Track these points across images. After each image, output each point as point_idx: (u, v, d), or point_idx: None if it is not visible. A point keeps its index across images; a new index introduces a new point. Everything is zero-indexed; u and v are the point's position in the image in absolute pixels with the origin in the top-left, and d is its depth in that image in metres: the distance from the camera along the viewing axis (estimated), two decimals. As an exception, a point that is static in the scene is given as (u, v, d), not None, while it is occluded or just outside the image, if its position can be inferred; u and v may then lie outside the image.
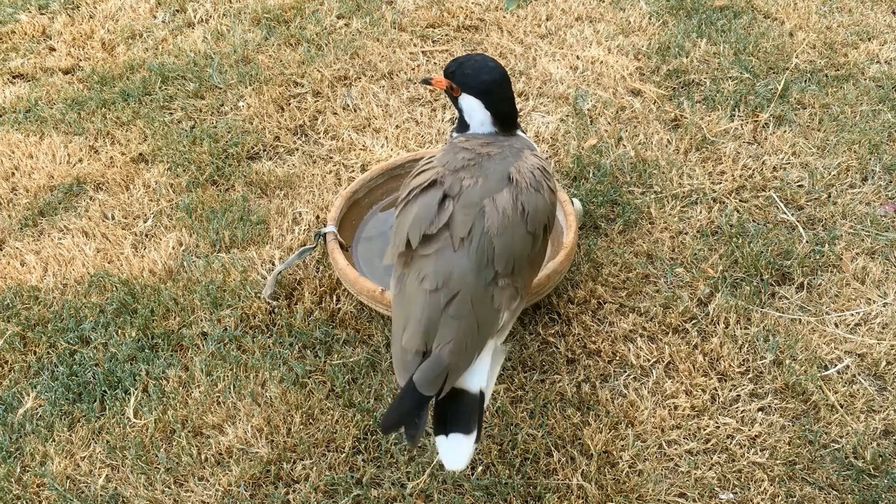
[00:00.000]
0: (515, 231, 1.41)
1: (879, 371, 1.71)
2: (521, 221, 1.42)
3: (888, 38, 2.69)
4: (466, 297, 1.35)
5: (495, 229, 1.39)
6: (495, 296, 1.38)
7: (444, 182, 1.46)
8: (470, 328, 1.34)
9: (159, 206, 2.23)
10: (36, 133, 2.53)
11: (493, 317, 1.38)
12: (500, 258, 1.38)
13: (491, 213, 1.41)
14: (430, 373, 1.28)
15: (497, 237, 1.39)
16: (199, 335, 1.86)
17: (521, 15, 2.91)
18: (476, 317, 1.35)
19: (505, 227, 1.40)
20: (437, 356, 1.30)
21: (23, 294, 1.99)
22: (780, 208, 2.10)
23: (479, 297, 1.36)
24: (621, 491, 1.52)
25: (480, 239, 1.38)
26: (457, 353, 1.31)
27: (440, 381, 1.28)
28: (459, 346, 1.31)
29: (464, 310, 1.34)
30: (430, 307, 1.34)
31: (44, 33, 3.05)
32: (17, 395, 1.77)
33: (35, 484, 1.61)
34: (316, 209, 2.17)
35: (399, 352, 1.34)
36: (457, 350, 1.31)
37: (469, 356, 1.34)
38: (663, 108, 2.44)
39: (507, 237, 1.40)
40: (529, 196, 1.45)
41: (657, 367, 1.74)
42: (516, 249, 1.41)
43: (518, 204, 1.43)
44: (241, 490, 1.56)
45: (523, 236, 1.42)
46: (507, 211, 1.42)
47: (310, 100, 2.58)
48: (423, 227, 1.41)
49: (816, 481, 1.53)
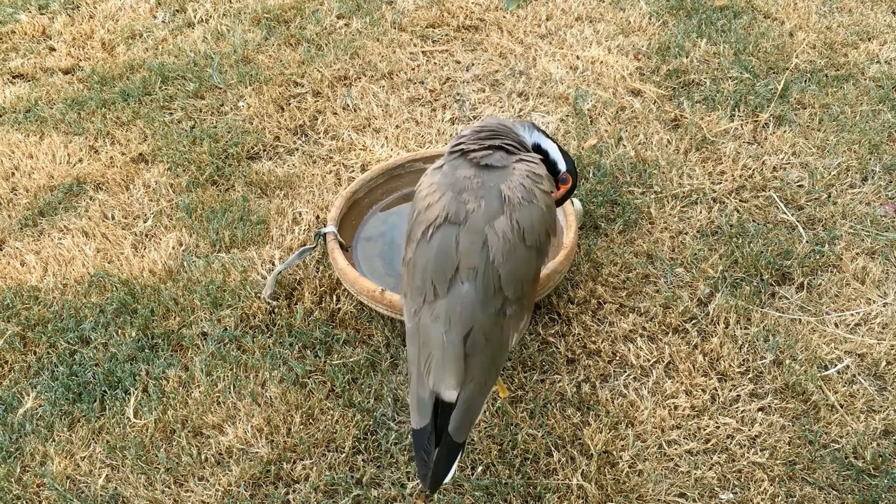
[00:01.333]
0: (517, 253, 1.39)
1: (879, 371, 1.71)
2: (521, 241, 1.40)
3: (888, 38, 2.69)
4: (479, 333, 1.33)
5: (500, 257, 1.37)
6: (504, 326, 1.37)
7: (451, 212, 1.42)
8: (487, 363, 1.33)
9: (159, 206, 2.23)
10: (36, 133, 2.53)
11: (505, 346, 1.38)
12: (507, 285, 1.37)
13: (493, 241, 1.38)
14: (462, 418, 1.28)
15: (502, 265, 1.37)
16: (199, 335, 1.86)
17: (521, 15, 2.91)
18: (491, 351, 1.34)
19: (508, 252, 1.38)
20: (465, 399, 1.29)
21: (23, 294, 1.99)
22: (780, 208, 2.10)
23: (490, 330, 1.35)
24: (621, 491, 1.52)
25: (486, 270, 1.36)
26: (479, 391, 1.31)
27: (471, 425, 1.29)
28: (480, 384, 1.31)
29: (479, 346, 1.33)
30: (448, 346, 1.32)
31: (44, 33, 3.05)
32: (17, 395, 1.77)
33: (35, 484, 1.61)
34: (316, 209, 2.17)
35: (415, 394, 1.32)
36: (479, 389, 1.31)
37: (487, 391, 1.34)
38: (663, 108, 2.44)
39: (511, 262, 1.38)
40: (523, 211, 1.42)
41: (657, 367, 1.74)
42: (521, 271, 1.39)
43: (513, 224, 1.40)
44: (241, 490, 1.56)
45: (525, 256, 1.40)
46: (507, 234, 1.39)
47: (310, 100, 2.58)
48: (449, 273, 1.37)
49: (816, 481, 1.53)
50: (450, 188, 1.46)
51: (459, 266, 1.37)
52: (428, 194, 1.48)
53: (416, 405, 1.31)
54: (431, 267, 1.38)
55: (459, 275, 1.36)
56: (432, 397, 1.30)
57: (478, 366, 1.32)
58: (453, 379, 1.30)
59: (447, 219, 1.41)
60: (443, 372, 1.31)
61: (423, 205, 1.47)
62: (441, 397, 1.30)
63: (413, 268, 1.42)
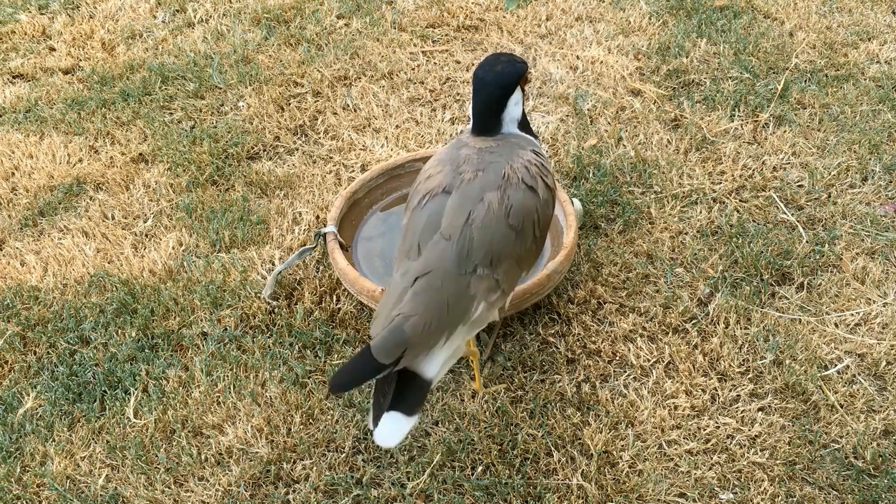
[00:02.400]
0: (497, 225, 1.42)
1: (879, 371, 1.71)
2: (504, 216, 1.43)
3: (888, 38, 2.69)
4: (438, 275, 1.36)
5: (479, 222, 1.41)
6: (472, 283, 1.38)
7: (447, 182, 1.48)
8: (439, 307, 1.33)
9: (159, 206, 2.23)
10: (36, 133, 2.53)
11: (466, 302, 1.37)
12: (477, 250, 1.39)
13: (478, 208, 1.43)
14: (387, 341, 1.28)
15: (478, 229, 1.40)
16: (199, 335, 1.86)
17: (521, 15, 2.91)
18: (447, 297, 1.34)
19: (488, 221, 1.41)
20: (397, 325, 1.29)
21: (23, 294, 1.99)
22: (780, 208, 2.10)
23: (453, 280, 1.36)
24: (621, 491, 1.52)
25: (463, 231, 1.40)
26: (420, 329, 1.30)
27: (397, 353, 1.28)
28: (423, 322, 1.31)
29: (433, 286, 1.34)
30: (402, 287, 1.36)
31: (44, 33, 3.05)
32: (17, 395, 1.77)
33: (35, 484, 1.61)
34: (316, 209, 2.17)
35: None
36: (420, 325, 1.30)
37: (433, 337, 1.32)
38: (663, 108, 2.44)
39: (488, 231, 1.41)
40: (517, 193, 1.45)
41: (657, 367, 1.74)
42: (495, 243, 1.41)
43: (504, 198, 1.44)
44: (241, 490, 1.56)
45: (504, 231, 1.43)
46: (493, 205, 1.43)
47: (310, 100, 2.58)
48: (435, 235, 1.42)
49: (816, 481, 1.53)
50: (450, 162, 1.51)
51: (442, 225, 1.41)
52: (430, 167, 1.55)
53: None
54: (420, 229, 1.43)
55: (442, 234, 1.41)
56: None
57: (428, 304, 1.32)
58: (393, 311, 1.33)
59: (444, 189, 1.47)
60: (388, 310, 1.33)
61: (424, 176, 1.53)
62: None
63: (405, 232, 1.47)
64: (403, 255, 1.44)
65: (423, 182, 1.52)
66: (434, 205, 1.46)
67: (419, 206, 1.47)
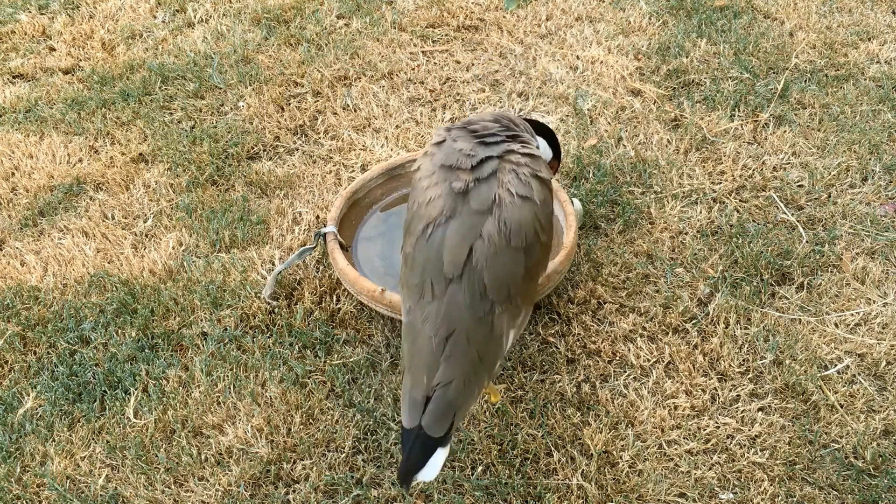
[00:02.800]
0: (502, 256, 1.38)
1: (879, 371, 1.71)
2: (506, 243, 1.38)
3: (888, 38, 2.69)
4: (462, 334, 1.33)
5: (484, 261, 1.37)
6: (495, 323, 1.36)
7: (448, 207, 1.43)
8: (472, 363, 1.33)
9: (159, 206, 2.23)
10: (36, 133, 2.53)
11: (496, 344, 1.37)
12: (492, 289, 1.36)
13: (478, 245, 1.38)
14: (436, 413, 1.28)
15: (487, 269, 1.36)
16: (199, 335, 1.86)
17: (521, 15, 2.91)
18: (476, 351, 1.34)
19: (493, 256, 1.37)
20: (441, 396, 1.29)
21: (23, 294, 1.99)
22: (780, 208, 2.10)
23: (475, 331, 1.34)
24: (621, 491, 1.52)
25: (471, 274, 1.36)
26: (461, 390, 1.31)
27: (448, 421, 1.29)
28: (464, 382, 1.31)
29: (461, 347, 1.32)
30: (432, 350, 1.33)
31: (44, 33, 3.05)
32: (17, 395, 1.77)
33: (35, 484, 1.61)
34: (316, 209, 2.17)
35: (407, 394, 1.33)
36: (461, 388, 1.31)
37: (474, 391, 1.34)
38: (663, 108, 2.44)
39: (496, 265, 1.37)
40: (513, 211, 1.41)
41: (657, 367, 1.74)
42: (506, 275, 1.38)
43: (500, 225, 1.39)
44: (241, 490, 1.56)
45: (512, 258, 1.39)
46: (493, 237, 1.38)
47: (310, 100, 2.58)
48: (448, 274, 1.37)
49: (816, 481, 1.53)
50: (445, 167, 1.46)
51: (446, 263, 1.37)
52: (428, 185, 1.48)
53: (408, 404, 1.31)
54: (431, 266, 1.38)
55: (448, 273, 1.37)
56: (424, 398, 1.30)
57: (459, 366, 1.31)
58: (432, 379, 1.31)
59: (446, 216, 1.42)
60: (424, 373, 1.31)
61: (423, 198, 1.46)
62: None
63: (412, 263, 1.42)
64: (416, 292, 1.39)
65: (425, 206, 1.45)
66: (441, 234, 1.40)
67: (423, 237, 1.42)
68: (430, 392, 1.30)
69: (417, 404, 1.30)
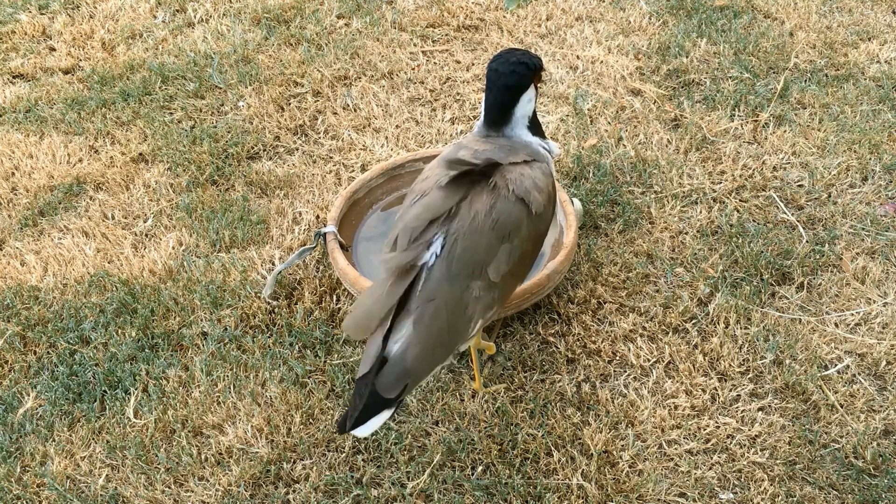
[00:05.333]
0: (481, 237, 1.38)
1: (879, 371, 1.71)
2: (490, 228, 1.38)
3: (888, 38, 2.69)
4: (441, 304, 1.33)
5: (463, 231, 1.37)
6: (470, 305, 1.36)
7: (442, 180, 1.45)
8: (439, 335, 1.32)
9: (159, 206, 2.23)
10: (36, 133, 2.53)
11: (464, 326, 1.36)
12: (459, 261, 1.36)
13: (463, 215, 1.39)
14: (392, 377, 1.28)
15: (461, 239, 1.37)
16: (199, 335, 1.86)
17: (521, 15, 2.91)
18: (448, 324, 1.33)
19: (472, 232, 1.37)
20: (399, 360, 1.29)
21: (23, 294, 1.99)
22: (780, 208, 2.10)
23: (452, 306, 1.34)
24: (621, 491, 1.52)
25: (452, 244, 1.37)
26: (422, 359, 1.30)
27: (401, 387, 1.28)
28: (426, 352, 1.30)
29: (436, 317, 1.32)
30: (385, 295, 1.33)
31: (44, 33, 3.05)
32: (17, 395, 1.77)
33: (35, 484, 1.61)
34: (316, 209, 2.17)
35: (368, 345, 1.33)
36: (422, 356, 1.30)
37: (434, 364, 1.33)
38: (663, 107, 2.44)
39: (471, 242, 1.37)
40: (507, 205, 1.41)
41: (657, 366, 1.74)
42: (478, 255, 1.37)
43: (492, 210, 1.39)
44: (241, 490, 1.56)
45: (490, 243, 1.38)
46: (480, 215, 1.38)
47: (310, 100, 2.58)
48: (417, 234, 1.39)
49: (816, 481, 1.53)
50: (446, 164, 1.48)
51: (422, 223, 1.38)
52: (428, 168, 1.53)
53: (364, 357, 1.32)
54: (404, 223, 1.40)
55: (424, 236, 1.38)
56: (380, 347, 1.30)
57: (427, 334, 1.31)
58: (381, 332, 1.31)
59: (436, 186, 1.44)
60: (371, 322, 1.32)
61: (421, 176, 1.52)
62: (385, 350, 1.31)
63: (394, 225, 1.46)
64: (386, 246, 1.43)
65: (419, 183, 1.50)
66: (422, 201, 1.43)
67: (409, 202, 1.47)
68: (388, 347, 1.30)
69: (370, 357, 1.30)
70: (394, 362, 1.29)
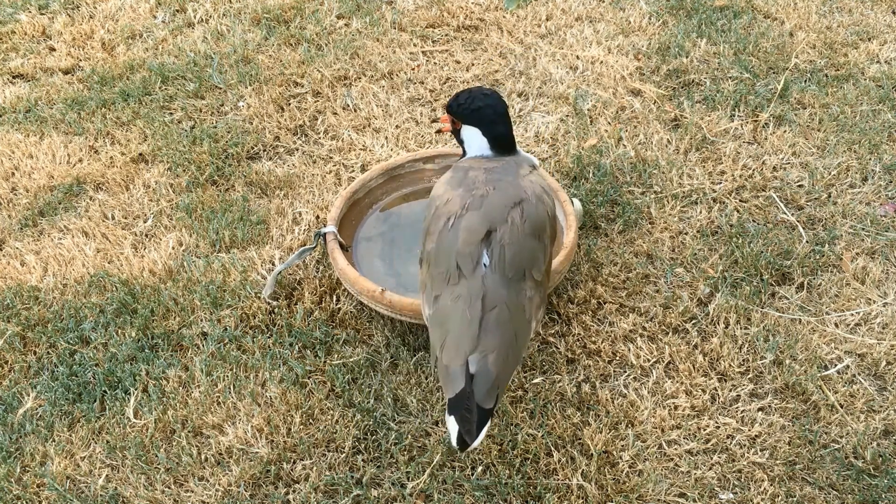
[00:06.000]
0: (525, 241, 1.46)
1: (879, 371, 1.71)
2: (528, 230, 1.48)
3: (888, 38, 2.69)
4: (503, 308, 1.39)
5: (507, 238, 1.45)
6: (527, 307, 1.43)
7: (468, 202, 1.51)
8: (511, 337, 1.38)
9: (159, 206, 2.23)
10: (36, 133, 2.53)
11: (527, 325, 1.43)
12: (511, 265, 1.43)
13: (502, 226, 1.47)
14: (484, 387, 1.32)
15: (508, 246, 1.44)
16: (199, 335, 1.86)
17: (521, 15, 2.91)
18: (513, 327, 1.39)
19: (515, 238, 1.45)
20: (484, 369, 1.33)
21: (23, 294, 1.99)
22: (780, 208, 2.10)
23: (514, 307, 1.40)
24: (621, 491, 1.52)
25: (498, 255, 1.43)
26: (501, 362, 1.35)
27: (495, 394, 1.33)
28: (502, 355, 1.35)
29: (502, 321, 1.38)
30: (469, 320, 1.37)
31: (44, 33, 3.05)
32: (17, 395, 1.77)
33: (35, 484, 1.61)
34: (316, 209, 2.17)
35: (443, 369, 1.36)
36: (500, 360, 1.35)
37: (511, 367, 1.38)
38: (663, 108, 2.44)
39: (518, 247, 1.45)
40: (531, 207, 1.51)
41: (657, 367, 1.74)
42: (525, 256, 1.45)
43: (524, 215, 1.49)
44: (241, 490, 1.56)
45: (532, 245, 1.47)
46: (516, 221, 1.47)
47: (310, 100, 2.58)
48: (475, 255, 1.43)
49: (816, 481, 1.53)
50: (462, 185, 1.56)
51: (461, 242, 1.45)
52: (443, 192, 1.58)
53: (447, 375, 1.35)
54: (457, 249, 1.45)
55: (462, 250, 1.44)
56: (464, 367, 1.34)
57: (500, 337, 1.36)
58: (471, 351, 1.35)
59: (466, 208, 1.50)
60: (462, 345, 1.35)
61: (441, 201, 1.56)
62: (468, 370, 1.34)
63: (437, 255, 1.48)
64: (443, 279, 1.44)
65: (444, 206, 1.53)
66: (464, 222, 1.48)
67: (446, 228, 1.49)
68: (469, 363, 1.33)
69: (458, 375, 1.33)
70: (481, 375, 1.33)
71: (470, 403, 1.31)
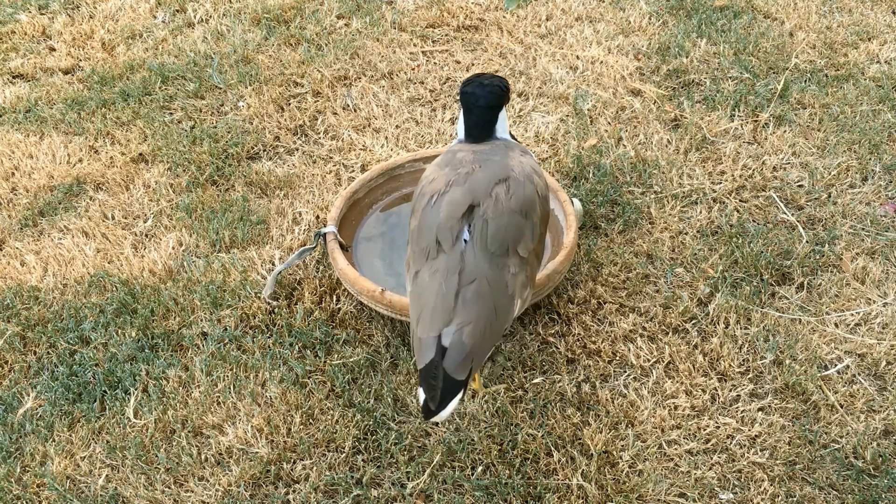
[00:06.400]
0: (510, 216, 1.46)
1: (879, 371, 1.71)
2: (514, 206, 1.48)
3: (888, 38, 2.69)
4: (483, 281, 1.39)
5: (490, 213, 1.46)
6: (509, 283, 1.43)
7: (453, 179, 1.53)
8: (488, 311, 1.38)
9: (159, 206, 2.23)
10: (36, 133, 2.53)
11: (508, 303, 1.43)
12: (494, 239, 1.43)
13: (486, 201, 1.47)
14: (457, 358, 1.32)
15: (492, 220, 1.45)
16: (199, 335, 1.86)
17: (521, 15, 2.91)
18: (493, 301, 1.39)
19: (499, 212, 1.46)
20: (458, 340, 1.33)
21: (23, 294, 1.99)
22: (780, 208, 2.10)
23: (494, 281, 1.41)
24: (621, 491, 1.52)
25: (482, 225, 1.44)
26: (477, 335, 1.35)
27: (468, 366, 1.33)
28: (479, 328, 1.35)
29: (482, 294, 1.38)
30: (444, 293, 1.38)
31: (44, 33, 3.05)
32: (17, 395, 1.77)
33: (35, 484, 1.61)
34: (316, 209, 2.17)
35: (416, 342, 1.38)
36: (477, 333, 1.35)
37: (489, 341, 1.38)
38: (663, 108, 2.44)
39: (502, 220, 1.45)
40: (518, 185, 1.52)
41: (657, 367, 1.74)
42: (510, 232, 1.46)
43: (509, 191, 1.50)
44: (241, 490, 1.56)
45: (517, 221, 1.47)
46: (501, 196, 1.48)
47: (310, 100, 2.58)
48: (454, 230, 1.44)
49: (816, 481, 1.53)
50: (449, 164, 1.58)
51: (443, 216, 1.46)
52: (430, 172, 1.60)
53: (420, 347, 1.36)
54: (437, 224, 1.46)
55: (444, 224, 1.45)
56: (436, 339, 1.34)
57: (476, 310, 1.37)
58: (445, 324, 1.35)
59: (450, 184, 1.51)
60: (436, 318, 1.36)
61: (426, 180, 1.58)
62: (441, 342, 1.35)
63: (419, 232, 1.50)
64: (422, 255, 1.46)
65: (428, 184, 1.55)
66: (446, 198, 1.49)
67: (429, 205, 1.51)
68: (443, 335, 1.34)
69: (429, 346, 1.34)
70: (454, 346, 1.33)
71: (437, 372, 1.31)
